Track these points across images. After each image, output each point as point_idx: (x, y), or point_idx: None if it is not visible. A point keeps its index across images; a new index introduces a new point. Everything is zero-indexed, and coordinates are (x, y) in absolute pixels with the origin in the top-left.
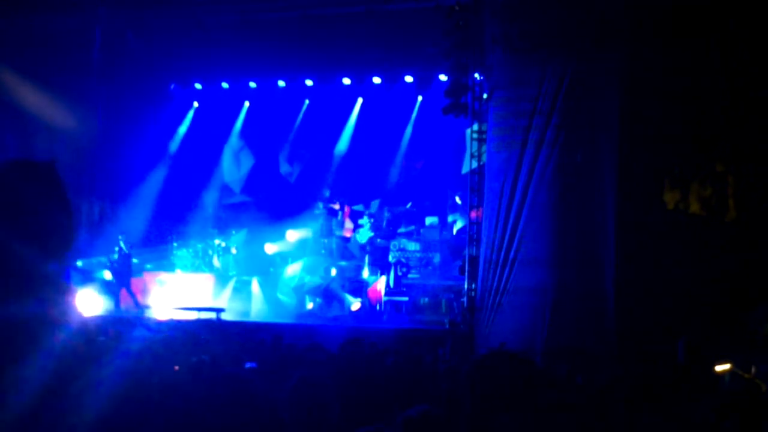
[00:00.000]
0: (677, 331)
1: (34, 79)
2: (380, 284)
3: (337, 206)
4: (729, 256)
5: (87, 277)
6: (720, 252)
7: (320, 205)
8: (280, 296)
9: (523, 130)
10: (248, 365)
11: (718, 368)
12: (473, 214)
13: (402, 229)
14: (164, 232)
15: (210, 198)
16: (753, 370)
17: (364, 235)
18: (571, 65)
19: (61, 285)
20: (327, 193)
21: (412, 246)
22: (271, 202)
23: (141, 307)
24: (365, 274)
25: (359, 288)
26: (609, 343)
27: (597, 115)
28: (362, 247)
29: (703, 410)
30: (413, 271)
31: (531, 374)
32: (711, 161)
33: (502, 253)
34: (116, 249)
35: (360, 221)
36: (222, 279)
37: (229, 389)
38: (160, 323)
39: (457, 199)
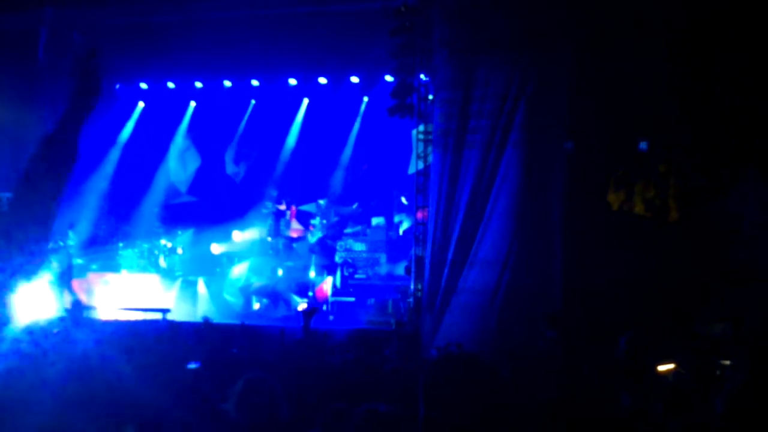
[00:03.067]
0: (622, 330)
1: None
2: (327, 285)
3: (283, 206)
4: (673, 256)
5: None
6: (664, 253)
7: (269, 204)
8: (227, 297)
9: (470, 132)
10: (192, 365)
11: (661, 368)
12: (419, 215)
13: (348, 230)
14: (110, 233)
15: (156, 198)
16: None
17: (315, 235)
18: (519, 68)
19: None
20: (274, 193)
21: (359, 246)
22: (217, 203)
23: (85, 308)
24: (312, 274)
25: (306, 288)
26: (555, 343)
27: (545, 117)
28: (310, 247)
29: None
30: (360, 271)
31: (483, 376)
32: (655, 162)
33: (449, 254)
34: (60, 244)
35: (312, 222)
36: (168, 279)
37: (174, 390)
38: (105, 324)
39: (403, 200)
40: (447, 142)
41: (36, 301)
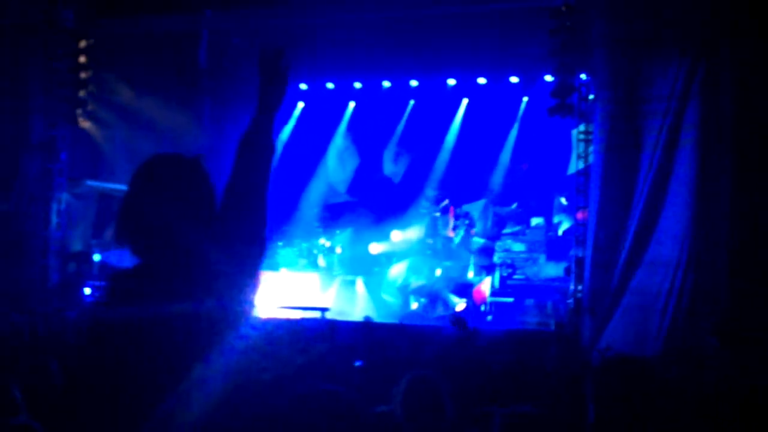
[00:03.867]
0: None
1: (141, 80)
2: (485, 285)
3: (444, 204)
4: None
5: None
6: None
7: (426, 204)
8: (385, 296)
9: (633, 131)
10: (357, 363)
11: None
12: (579, 215)
13: (507, 230)
14: (269, 232)
15: (315, 197)
16: None
17: (458, 236)
18: (682, 65)
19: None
20: (433, 193)
21: (518, 247)
22: (375, 202)
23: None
24: (470, 274)
25: (464, 288)
26: (719, 345)
27: (710, 115)
28: (463, 247)
29: None
30: (518, 272)
31: (651, 379)
32: None
33: (611, 255)
34: None
35: (456, 222)
36: (327, 278)
37: (324, 406)
38: (264, 322)
39: (563, 200)
40: (609, 141)
41: None
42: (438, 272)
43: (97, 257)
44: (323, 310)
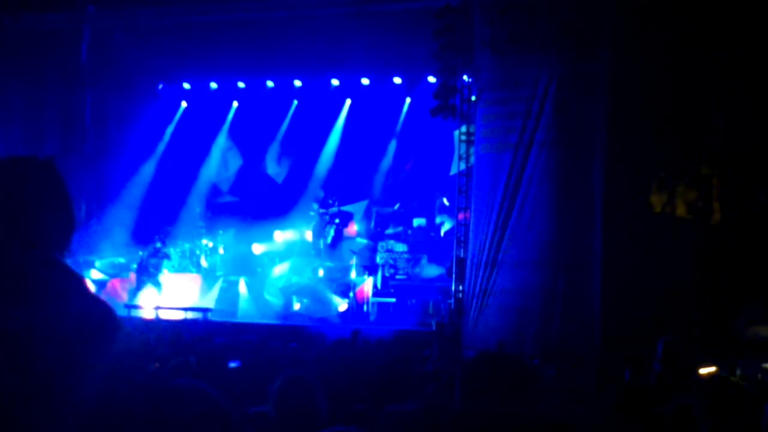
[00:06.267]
0: (662, 333)
1: (22, 78)
2: (367, 285)
3: (334, 208)
4: (714, 258)
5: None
6: (705, 254)
7: (315, 206)
8: (268, 296)
9: (512, 132)
10: (232, 364)
11: (703, 371)
12: (461, 216)
13: (390, 230)
14: (151, 232)
15: (198, 198)
16: (738, 372)
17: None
18: (560, 68)
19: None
20: (321, 194)
21: (400, 247)
22: (258, 203)
23: (126, 307)
24: (353, 275)
25: (346, 289)
26: (594, 345)
27: (586, 118)
28: (345, 247)
29: (686, 410)
30: (401, 272)
31: (523, 375)
32: (697, 164)
33: (490, 255)
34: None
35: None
36: (209, 279)
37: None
38: (145, 323)
39: (445, 201)
40: (489, 143)
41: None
42: (321, 273)
43: None
44: (205, 310)
